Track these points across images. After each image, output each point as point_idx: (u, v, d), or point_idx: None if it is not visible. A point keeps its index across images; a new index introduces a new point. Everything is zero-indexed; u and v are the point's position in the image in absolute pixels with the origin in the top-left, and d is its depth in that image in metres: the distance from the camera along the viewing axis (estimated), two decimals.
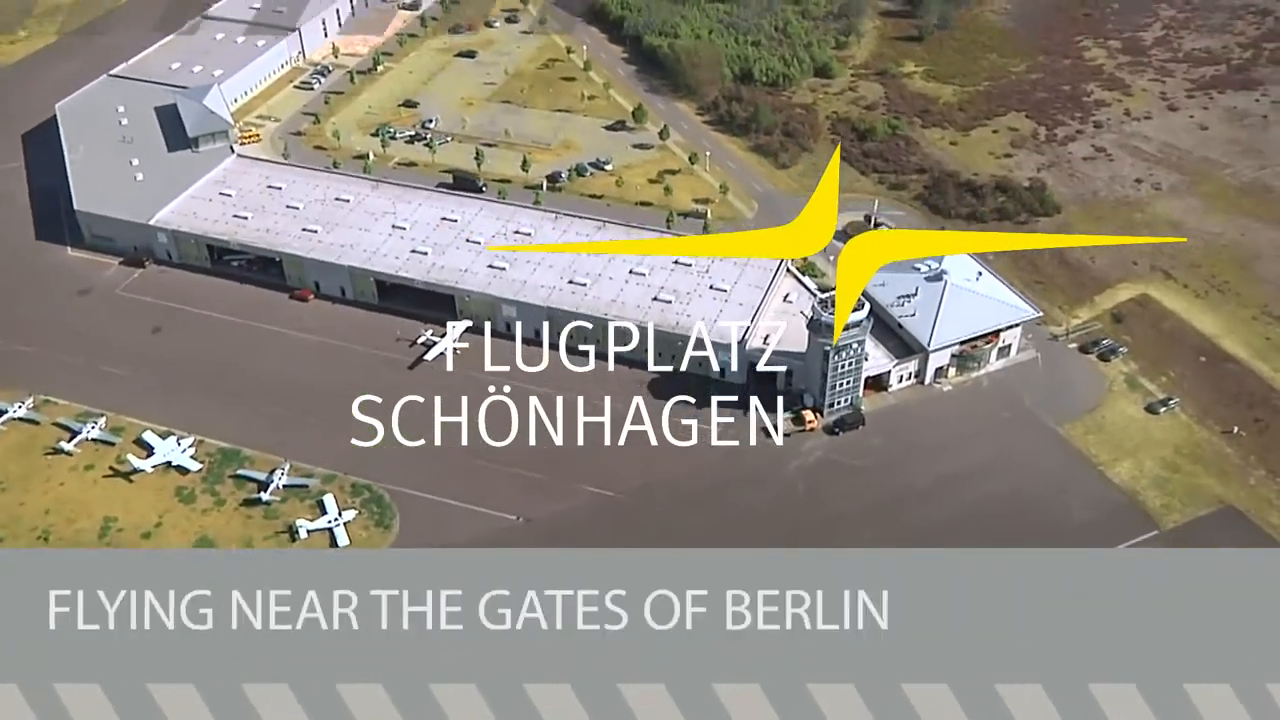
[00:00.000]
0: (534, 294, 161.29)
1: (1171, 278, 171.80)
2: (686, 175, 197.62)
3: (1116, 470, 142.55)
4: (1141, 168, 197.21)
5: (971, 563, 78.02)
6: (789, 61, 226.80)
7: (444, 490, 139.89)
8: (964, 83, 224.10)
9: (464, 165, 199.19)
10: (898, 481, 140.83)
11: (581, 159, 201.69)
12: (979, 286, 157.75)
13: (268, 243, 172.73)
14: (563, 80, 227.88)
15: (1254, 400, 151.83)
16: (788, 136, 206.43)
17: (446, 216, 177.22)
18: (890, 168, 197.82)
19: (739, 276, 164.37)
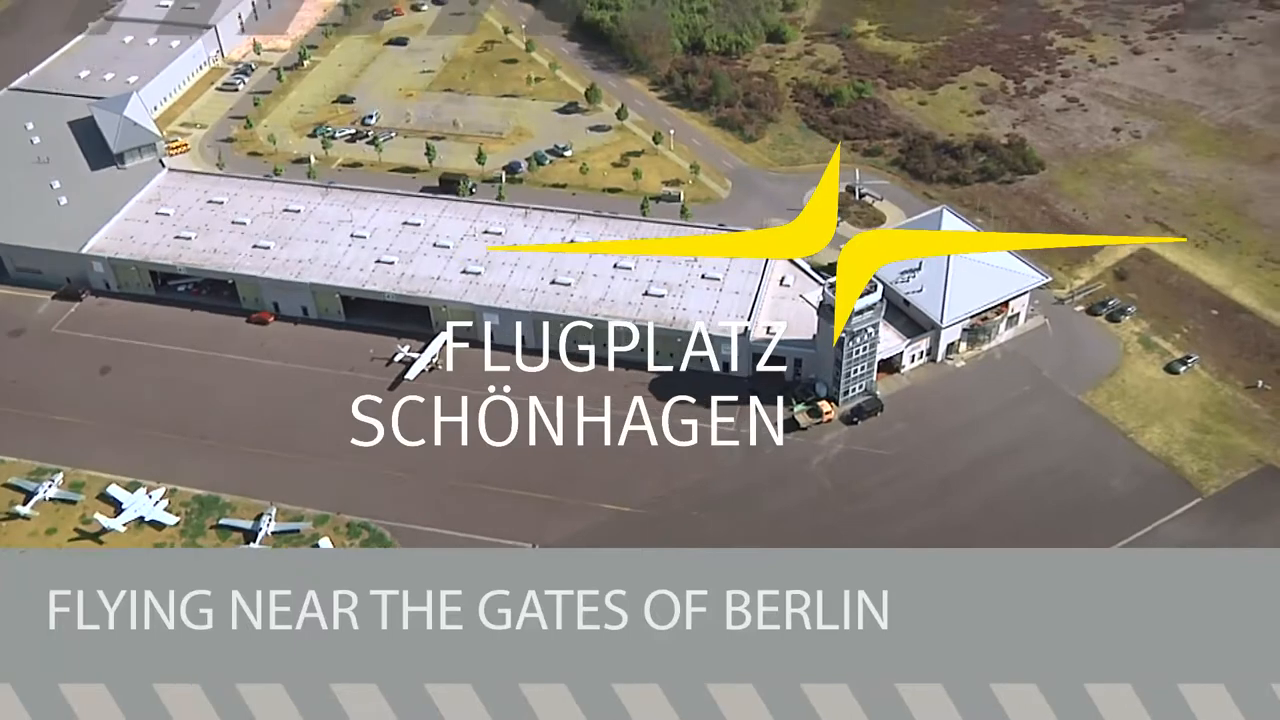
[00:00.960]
0: (516, 298, 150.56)
1: (1169, 229, 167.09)
2: (651, 156, 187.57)
3: (1147, 437, 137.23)
4: (1117, 116, 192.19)
5: (971, 563, 79.50)
6: (740, 28, 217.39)
7: (448, 521, 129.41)
8: (922, 38, 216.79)
9: (413, 161, 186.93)
10: (929, 469, 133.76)
11: (538, 146, 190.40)
12: (983, 256, 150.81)
13: (217, 264, 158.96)
14: (505, 63, 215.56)
15: (1274, 352, 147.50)
16: (750, 108, 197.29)
17: (408, 220, 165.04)
18: (861, 133, 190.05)
19: (730, 263, 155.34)
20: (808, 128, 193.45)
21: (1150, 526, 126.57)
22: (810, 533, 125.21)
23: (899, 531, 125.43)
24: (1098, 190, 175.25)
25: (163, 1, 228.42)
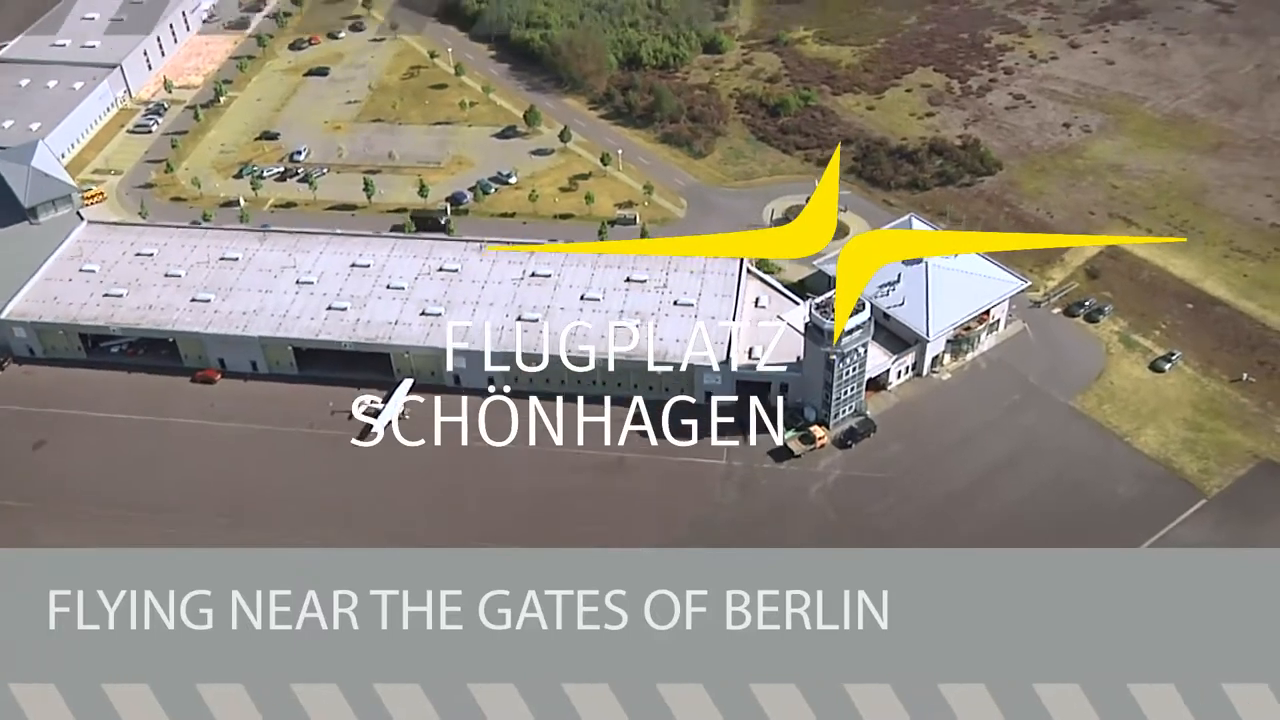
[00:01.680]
0: (482, 339, 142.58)
1: (1133, 224, 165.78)
2: (600, 178, 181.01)
3: (1143, 439, 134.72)
4: (1064, 111, 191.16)
5: (969, 563, 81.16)
6: (676, 40, 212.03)
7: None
8: (860, 42, 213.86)
9: (351, 198, 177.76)
10: (931, 489, 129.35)
11: (480, 175, 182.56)
12: (959, 264, 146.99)
13: (154, 322, 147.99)
14: (434, 89, 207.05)
15: (1253, 342, 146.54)
16: (695, 122, 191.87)
17: (356, 262, 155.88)
18: (812, 142, 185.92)
19: (700, 286, 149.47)
20: (757, 140, 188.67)
21: (1161, 532, 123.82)
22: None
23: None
24: (1058, 188, 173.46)
25: (59, 41, 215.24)
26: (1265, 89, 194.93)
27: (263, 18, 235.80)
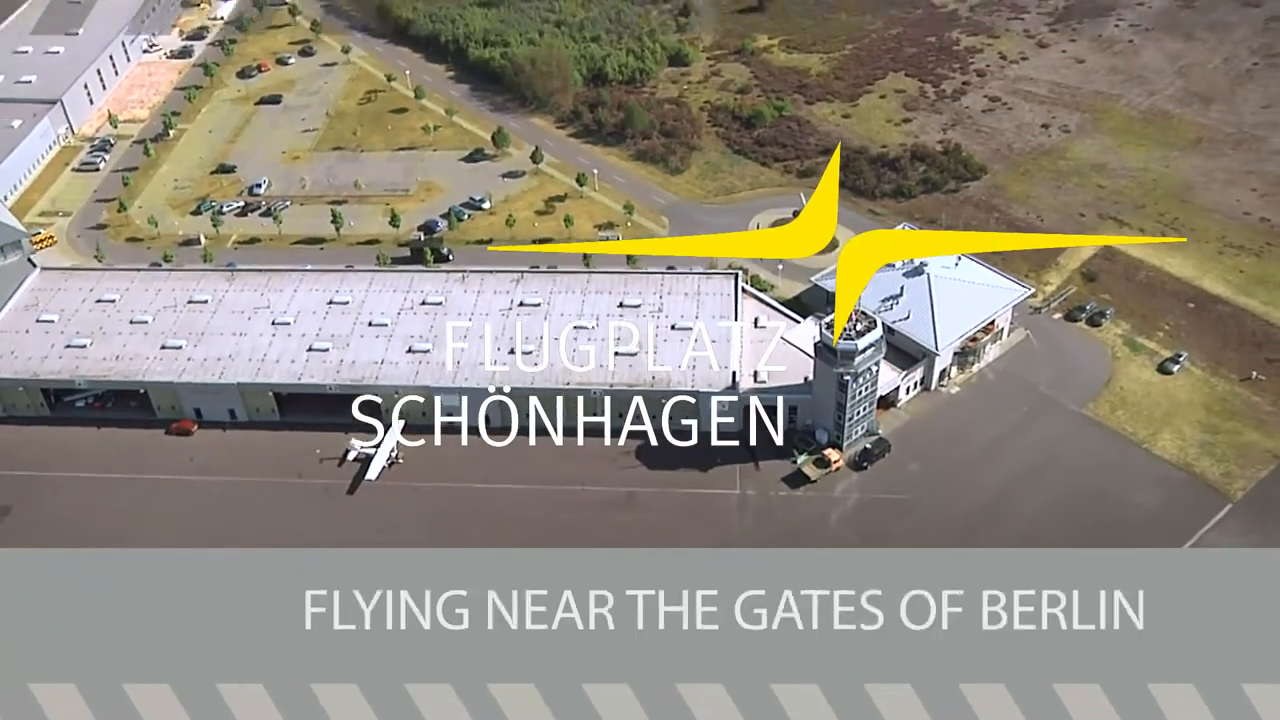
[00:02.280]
0: (475, 375, 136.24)
1: (1124, 223, 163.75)
2: (577, 200, 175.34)
3: (1161, 445, 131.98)
4: (1041, 112, 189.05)
5: (1229, 563, 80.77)
6: (640, 54, 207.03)
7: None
8: (827, 49, 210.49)
9: (318, 231, 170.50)
10: (954, 507, 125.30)
11: (452, 201, 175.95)
12: (961, 273, 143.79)
13: (123, 373, 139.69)
14: (394, 114, 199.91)
15: (1258, 340, 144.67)
16: (668, 137, 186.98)
17: (334, 299, 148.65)
18: (790, 154, 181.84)
19: (697, 309, 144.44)
20: (733, 153, 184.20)
21: (1193, 539, 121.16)
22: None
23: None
24: (1044, 191, 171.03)
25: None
26: (1235, 83, 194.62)
27: (206, 45, 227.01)
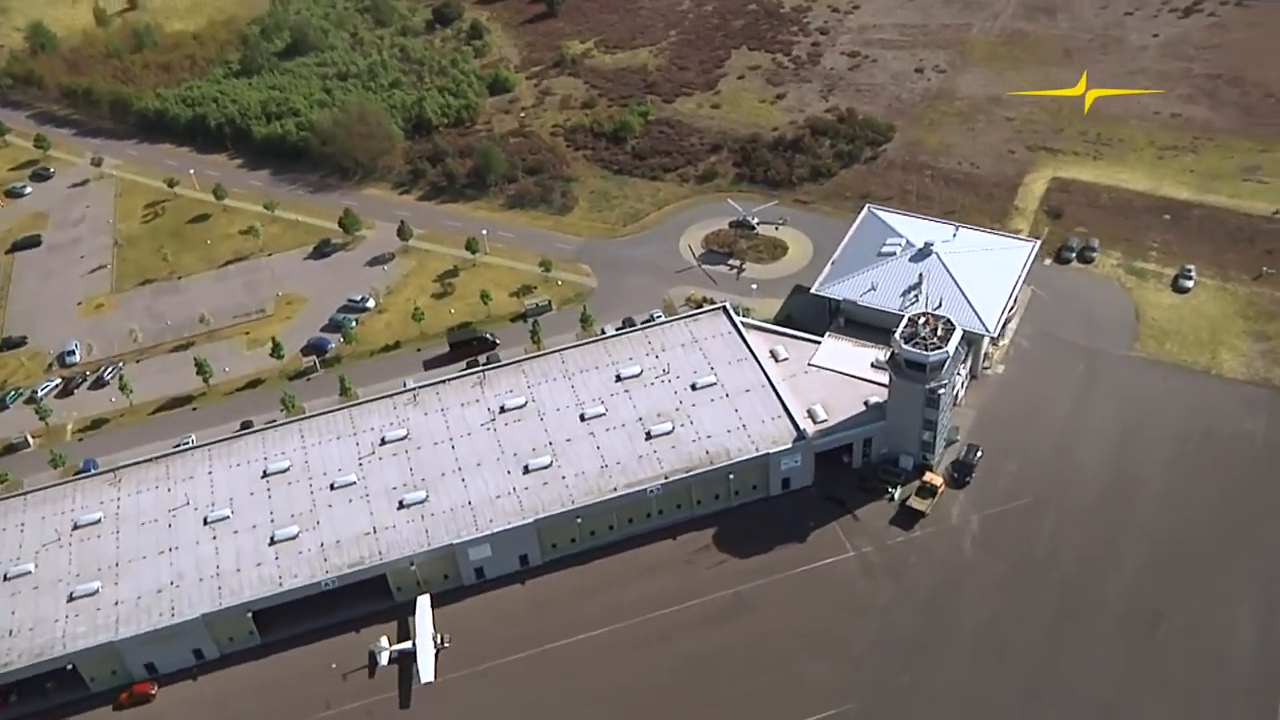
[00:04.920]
0: (502, 511, 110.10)
1: (1057, 151, 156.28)
2: (472, 270, 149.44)
3: (1226, 365, 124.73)
4: (906, 57, 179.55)
5: None
6: (456, 90, 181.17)
7: None
8: (650, 40, 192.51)
9: (178, 387, 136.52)
10: (1081, 498, 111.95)
11: (325, 309, 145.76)
12: (965, 244, 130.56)
13: (28, 651, 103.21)
14: (195, 224, 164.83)
15: (1247, 234, 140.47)
16: (535, 175, 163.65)
17: (267, 469, 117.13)
18: (678, 160, 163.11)
19: (706, 358, 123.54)
20: (614, 174, 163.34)
21: None
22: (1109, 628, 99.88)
23: (1160, 569, 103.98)
24: (960, 137, 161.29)
25: None
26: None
27: None
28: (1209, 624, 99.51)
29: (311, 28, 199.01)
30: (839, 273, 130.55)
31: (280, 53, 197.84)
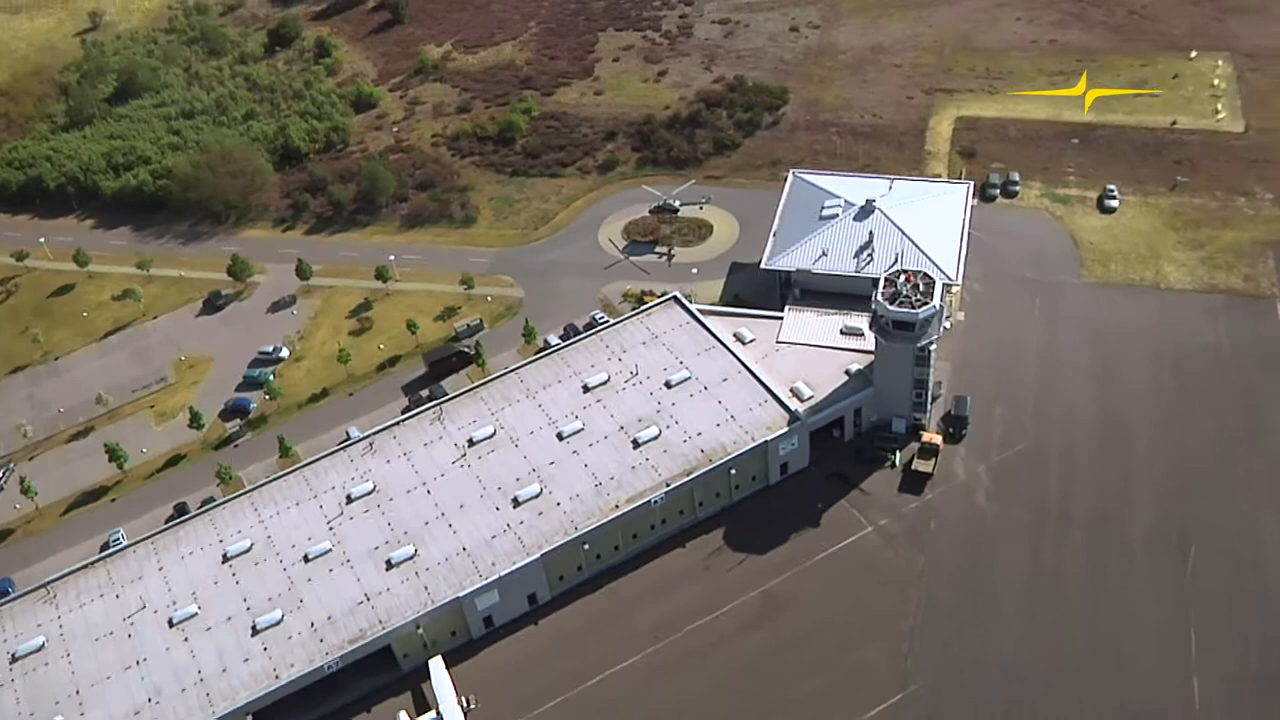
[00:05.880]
0: (502, 551, 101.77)
1: (953, 91, 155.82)
2: (386, 300, 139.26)
3: (1172, 278, 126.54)
4: (778, 18, 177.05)
5: None
6: (319, 113, 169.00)
7: None
8: (512, 33, 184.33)
9: (87, 479, 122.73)
10: (1080, 435, 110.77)
11: (236, 367, 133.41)
12: (904, 195, 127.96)
13: None
14: (59, 296, 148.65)
15: (1152, 148, 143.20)
16: (426, 189, 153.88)
17: (230, 552, 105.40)
18: (576, 153, 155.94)
19: (673, 353, 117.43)
20: (512, 177, 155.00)
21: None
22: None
23: (1162, 490, 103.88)
24: (855, 90, 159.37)
25: None
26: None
27: None
28: (1236, 539, 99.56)
29: (140, 67, 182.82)
30: (784, 243, 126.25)
31: (110, 98, 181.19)
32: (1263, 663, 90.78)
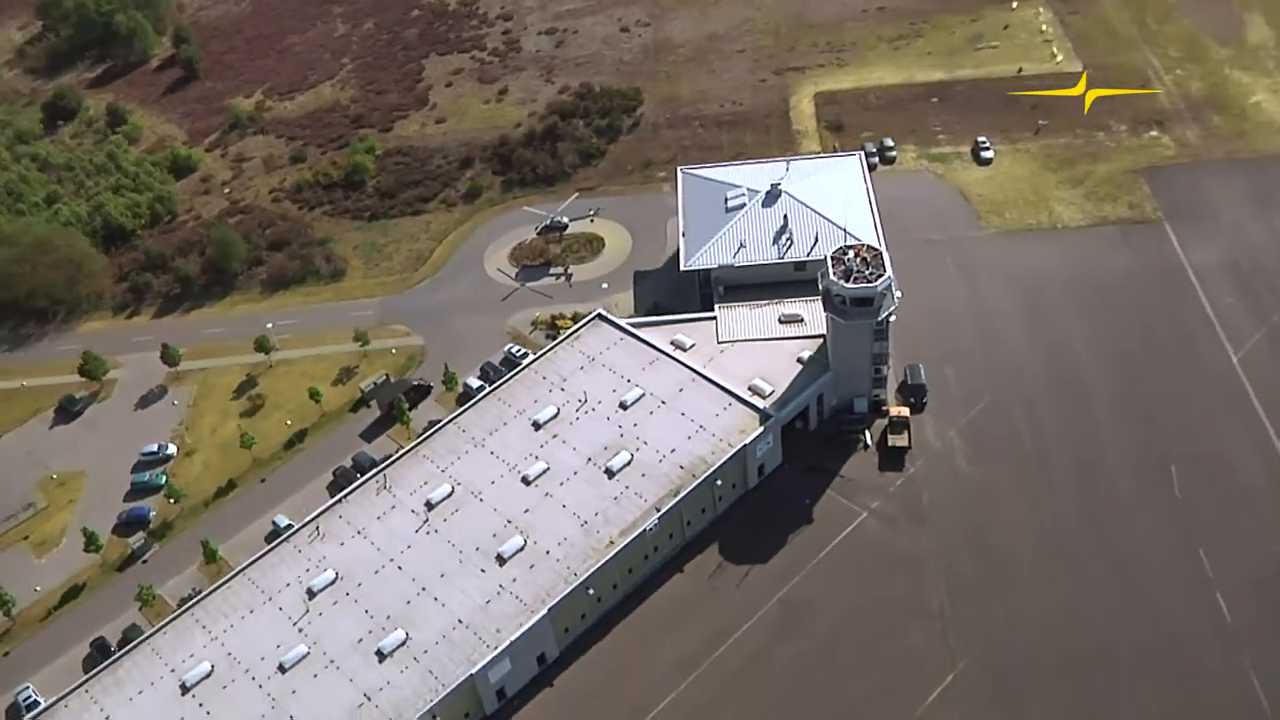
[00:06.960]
0: (503, 615, 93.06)
1: (804, 69, 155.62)
2: (271, 372, 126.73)
3: (1068, 216, 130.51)
4: (605, 21, 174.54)
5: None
6: (138, 184, 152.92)
7: None
8: (328, 74, 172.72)
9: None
10: (1039, 381, 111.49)
11: (117, 478, 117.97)
12: (804, 174, 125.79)
13: None
14: None
15: (1007, 99, 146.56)
16: (280, 248, 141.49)
17: (189, 680, 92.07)
18: (434, 188, 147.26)
19: (619, 372, 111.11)
20: (371, 221, 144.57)
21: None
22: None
23: (1127, 419, 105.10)
24: (707, 80, 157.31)
25: None
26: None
27: None
28: (1204, 446, 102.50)
29: None
30: (697, 242, 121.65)
31: None
32: (1275, 567, 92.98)
